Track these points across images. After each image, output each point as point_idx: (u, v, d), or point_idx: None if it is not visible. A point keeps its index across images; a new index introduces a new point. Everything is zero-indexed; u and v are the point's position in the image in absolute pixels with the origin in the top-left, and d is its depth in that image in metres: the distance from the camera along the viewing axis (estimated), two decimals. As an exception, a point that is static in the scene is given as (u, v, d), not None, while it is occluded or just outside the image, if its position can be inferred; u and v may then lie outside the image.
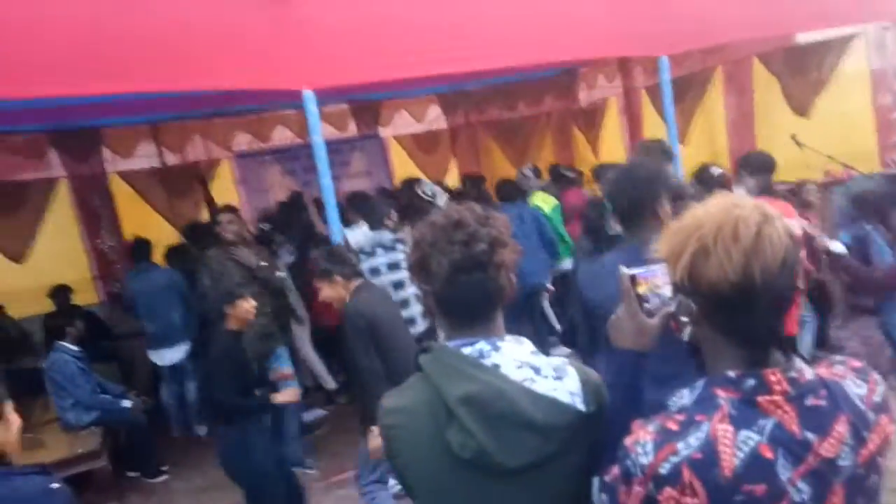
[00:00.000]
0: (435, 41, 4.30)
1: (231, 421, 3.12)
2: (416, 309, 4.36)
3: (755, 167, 3.78)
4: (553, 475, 1.23)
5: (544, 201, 5.80)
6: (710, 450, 0.98)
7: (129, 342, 6.10)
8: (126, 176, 7.14)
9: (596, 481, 1.17)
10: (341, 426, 4.94)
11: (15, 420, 1.70)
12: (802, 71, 6.11)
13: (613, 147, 7.72)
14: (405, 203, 5.62)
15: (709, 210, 1.06)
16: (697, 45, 6.02)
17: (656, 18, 5.17)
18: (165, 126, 7.24)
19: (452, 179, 8.68)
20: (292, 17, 3.96)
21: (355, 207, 4.89)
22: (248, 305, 3.16)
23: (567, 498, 1.26)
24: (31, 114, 5.40)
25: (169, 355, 5.38)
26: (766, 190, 3.77)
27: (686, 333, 1.11)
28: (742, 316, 1.01)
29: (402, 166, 8.66)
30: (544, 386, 1.22)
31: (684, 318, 1.09)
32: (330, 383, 5.66)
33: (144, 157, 7.21)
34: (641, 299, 1.23)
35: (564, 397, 1.22)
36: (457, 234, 1.25)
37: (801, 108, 6.14)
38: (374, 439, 2.85)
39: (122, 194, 7.13)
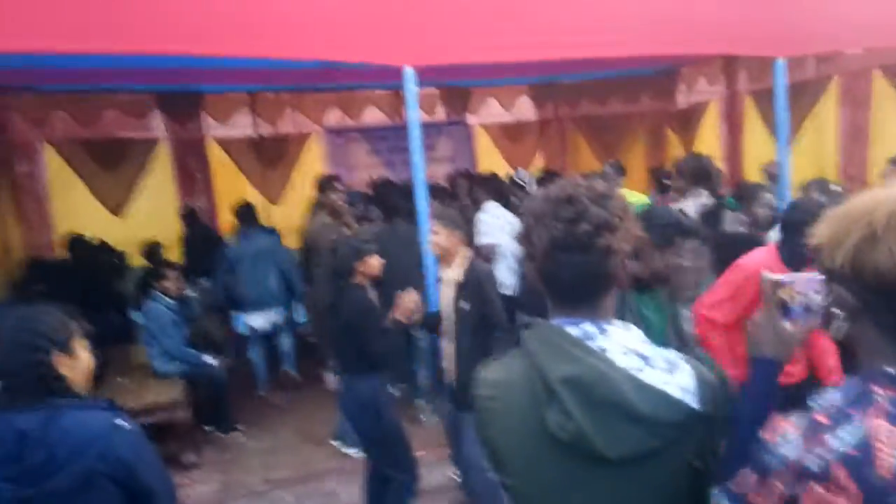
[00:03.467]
0: (537, 26, 4.21)
1: (373, 372, 3.16)
2: None
3: None
4: (654, 471, 1.16)
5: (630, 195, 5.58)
6: (866, 447, 0.90)
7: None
8: (223, 142, 7.42)
9: (716, 491, 1.10)
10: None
11: (85, 358, 1.74)
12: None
13: (709, 153, 7.38)
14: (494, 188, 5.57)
15: (876, 198, 0.98)
16: (815, 51, 5.68)
17: (772, 18, 4.90)
18: (262, 96, 7.46)
19: (536, 173, 8.57)
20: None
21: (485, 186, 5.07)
22: (375, 261, 3.25)
23: (664, 497, 1.19)
24: (140, 74, 5.66)
25: (262, 319, 5.55)
26: None
27: (837, 330, 1.02)
28: None
29: (487, 154, 8.61)
30: (653, 377, 1.15)
31: (838, 312, 1.00)
32: None
33: (240, 125, 7.45)
34: (783, 306, 1.17)
35: (674, 392, 1.15)
36: (564, 211, 1.19)
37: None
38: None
39: (217, 160, 7.41)
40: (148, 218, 6.81)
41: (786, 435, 0.96)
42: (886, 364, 0.96)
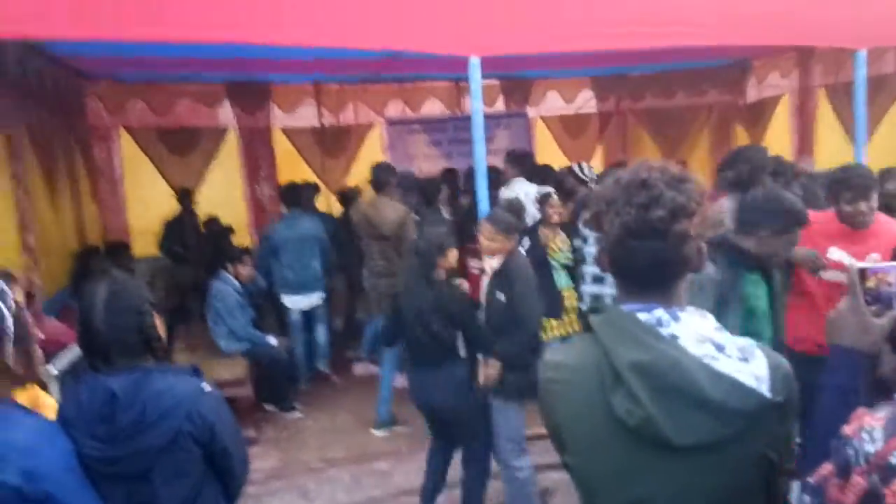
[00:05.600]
0: (604, 15, 4.16)
1: (458, 359, 3.32)
2: None
3: None
4: (723, 460, 1.14)
5: None
6: None
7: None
8: (287, 132, 7.61)
9: (796, 486, 1.08)
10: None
11: (161, 322, 1.84)
12: None
13: (778, 149, 7.14)
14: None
15: None
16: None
17: (853, 8, 4.70)
18: (326, 88, 7.60)
19: (596, 166, 8.44)
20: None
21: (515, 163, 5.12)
22: (454, 255, 3.37)
23: (736, 489, 1.18)
24: (212, 64, 5.86)
25: (304, 301, 5.62)
26: None
27: None
28: None
29: (545, 147, 8.54)
30: (726, 365, 1.13)
31: None
32: None
33: (305, 116, 7.62)
34: (869, 295, 1.14)
35: (748, 380, 1.12)
36: (637, 196, 1.17)
37: None
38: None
39: (282, 148, 7.61)
40: (215, 204, 7.04)
41: (869, 430, 0.93)
42: None
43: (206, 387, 1.76)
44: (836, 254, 3.07)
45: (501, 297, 3.23)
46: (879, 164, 5.92)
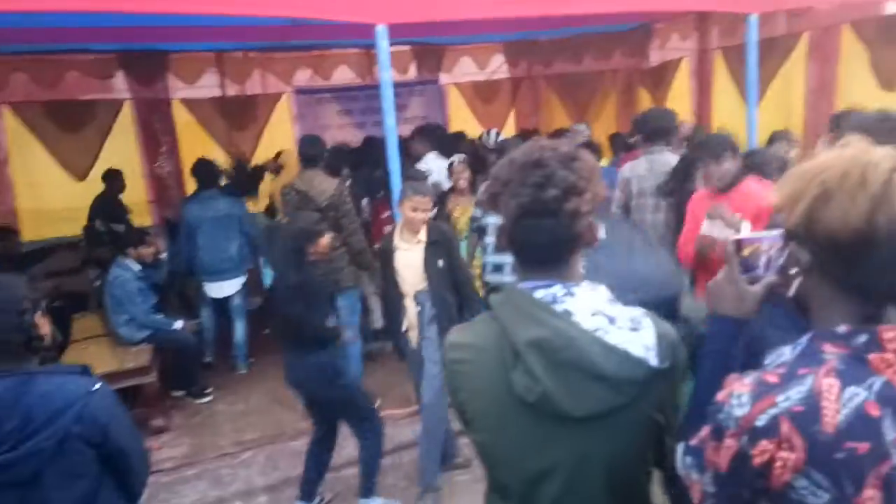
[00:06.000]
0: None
1: (324, 346, 3.29)
2: None
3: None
4: (619, 427, 1.21)
5: None
6: (812, 403, 0.93)
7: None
8: (188, 103, 7.20)
9: (680, 447, 1.13)
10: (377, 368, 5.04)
11: (46, 319, 1.74)
12: (894, 43, 5.73)
13: (680, 110, 7.41)
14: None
15: (837, 154, 0.99)
16: (788, 6, 5.71)
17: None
18: (229, 56, 7.24)
19: (509, 131, 8.52)
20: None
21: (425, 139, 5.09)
22: (325, 241, 3.34)
23: (630, 453, 1.25)
24: (103, 33, 5.45)
25: (224, 288, 5.32)
26: None
27: (793, 288, 1.05)
28: (860, 267, 0.95)
29: (458, 114, 8.53)
30: (617, 337, 1.18)
31: (793, 270, 1.03)
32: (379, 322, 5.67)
33: (207, 86, 7.22)
34: (745, 265, 1.19)
35: (637, 350, 1.18)
36: (532, 176, 1.20)
37: (888, 81, 5.78)
38: None
39: (183, 121, 7.20)
40: (113, 182, 6.62)
41: (738, 395, 0.98)
42: (838, 322, 0.99)
43: (97, 386, 1.67)
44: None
45: (441, 263, 3.31)
46: (770, 123, 6.28)
